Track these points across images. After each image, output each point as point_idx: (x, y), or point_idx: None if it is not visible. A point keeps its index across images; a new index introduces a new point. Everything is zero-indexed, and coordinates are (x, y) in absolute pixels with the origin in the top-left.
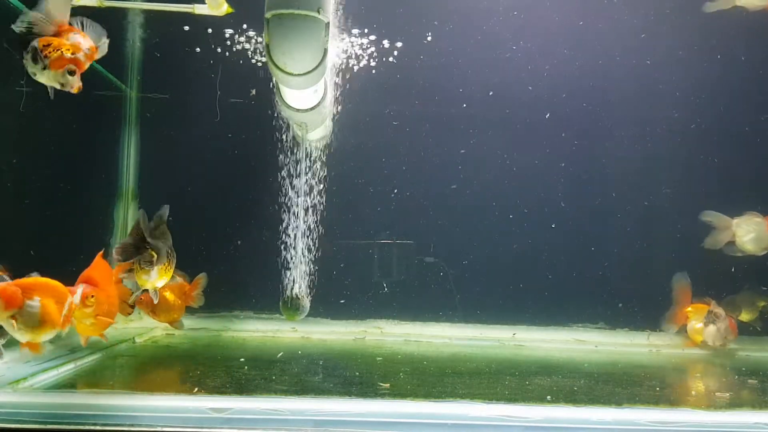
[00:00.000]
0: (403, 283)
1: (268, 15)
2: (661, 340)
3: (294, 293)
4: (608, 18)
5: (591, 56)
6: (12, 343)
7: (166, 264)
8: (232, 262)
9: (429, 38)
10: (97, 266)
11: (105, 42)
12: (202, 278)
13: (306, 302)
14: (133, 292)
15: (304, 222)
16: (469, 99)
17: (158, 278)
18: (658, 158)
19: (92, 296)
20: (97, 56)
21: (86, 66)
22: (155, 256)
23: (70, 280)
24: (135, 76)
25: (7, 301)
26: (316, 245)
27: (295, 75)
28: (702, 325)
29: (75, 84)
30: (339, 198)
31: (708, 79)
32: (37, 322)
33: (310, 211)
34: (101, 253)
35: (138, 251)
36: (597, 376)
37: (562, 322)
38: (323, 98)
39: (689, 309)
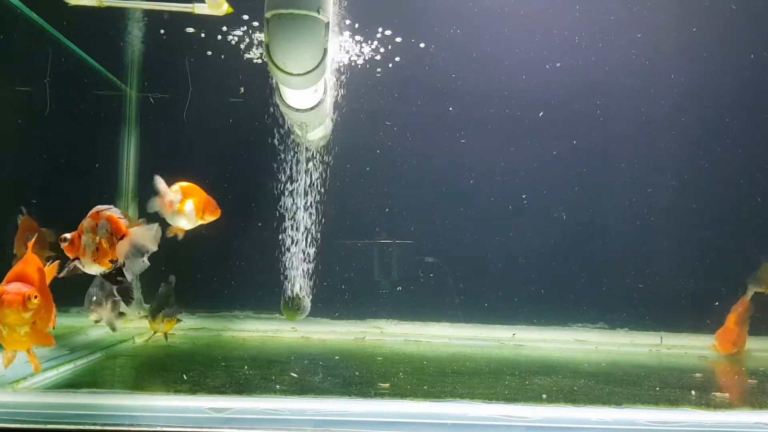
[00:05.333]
0: (403, 283)
1: (267, 15)
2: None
3: (295, 293)
4: (609, 18)
5: (591, 56)
6: None
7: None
8: (232, 262)
9: (429, 38)
10: (32, 261)
11: None
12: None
13: (307, 302)
14: None
15: (304, 221)
16: (469, 99)
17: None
18: (659, 158)
19: (35, 297)
20: None
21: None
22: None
23: (70, 281)
24: (135, 76)
25: None
26: (317, 245)
27: (295, 75)
28: None
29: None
30: (339, 198)
31: (709, 78)
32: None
33: (310, 210)
34: (32, 242)
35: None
36: (597, 376)
37: (562, 322)
38: (323, 98)
39: None
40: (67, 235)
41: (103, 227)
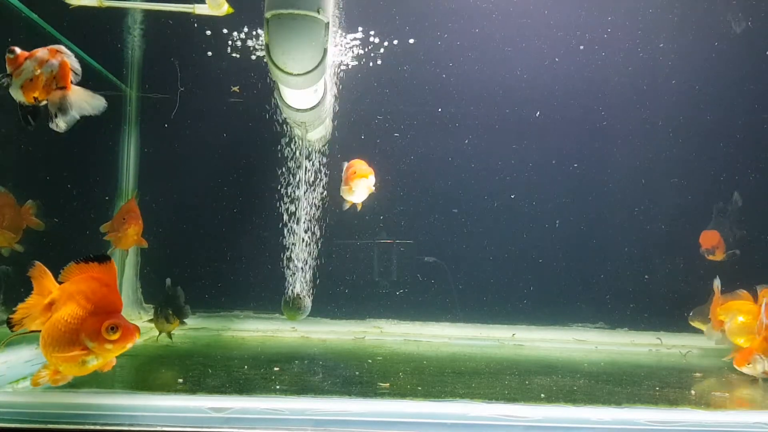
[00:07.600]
0: (402, 283)
1: (267, 15)
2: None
3: (295, 293)
4: (609, 17)
5: (591, 56)
6: (12, 342)
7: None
8: (232, 262)
9: (429, 38)
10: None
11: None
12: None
13: (307, 302)
14: None
15: (305, 221)
16: (470, 99)
17: None
18: (659, 159)
19: (115, 327)
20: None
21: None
22: None
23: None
24: (135, 76)
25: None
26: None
27: (295, 75)
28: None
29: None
30: (338, 197)
31: (709, 78)
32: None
33: (311, 210)
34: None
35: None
36: (596, 375)
37: (562, 322)
38: (323, 98)
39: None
40: (17, 50)
41: (50, 67)
